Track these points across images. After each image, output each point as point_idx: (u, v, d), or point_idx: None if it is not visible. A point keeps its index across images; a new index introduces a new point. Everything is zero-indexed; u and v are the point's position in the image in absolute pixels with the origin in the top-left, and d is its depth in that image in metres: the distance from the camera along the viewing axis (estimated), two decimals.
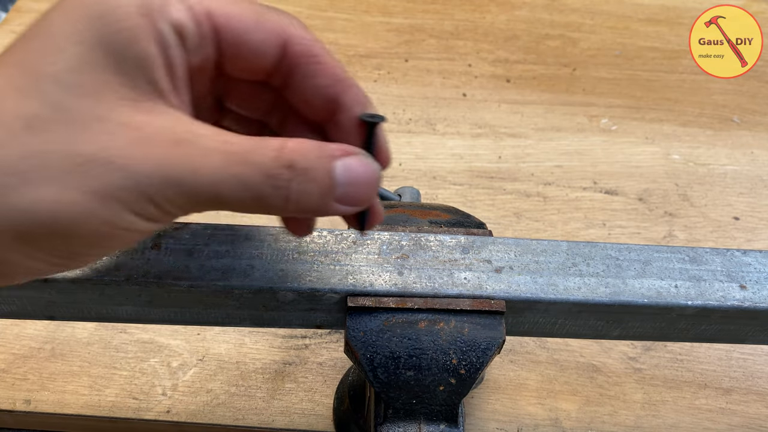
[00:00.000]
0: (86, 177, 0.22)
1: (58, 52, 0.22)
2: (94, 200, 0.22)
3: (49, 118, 0.22)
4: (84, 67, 0.22)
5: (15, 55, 0.23)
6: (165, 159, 0.23)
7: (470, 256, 0.36)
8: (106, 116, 0.22)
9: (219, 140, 0.24)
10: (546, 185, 0.68)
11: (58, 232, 0.22)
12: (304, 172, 0.25)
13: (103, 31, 0.22)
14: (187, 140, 0.23)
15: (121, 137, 0.22)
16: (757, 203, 0.67)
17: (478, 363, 0.33)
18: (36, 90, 0.22)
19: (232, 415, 0.50)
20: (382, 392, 0.33)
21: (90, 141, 0.22)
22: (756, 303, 0.35)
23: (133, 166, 0.22)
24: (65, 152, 0.22)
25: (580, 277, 0.35)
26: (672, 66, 0.83)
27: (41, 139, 0.22)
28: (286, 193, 0.25)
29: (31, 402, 0.50)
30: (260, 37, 0.26)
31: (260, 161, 0.24)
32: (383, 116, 0.28)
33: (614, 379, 0.53)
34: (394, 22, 0.87)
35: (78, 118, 0.22)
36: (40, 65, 0.22)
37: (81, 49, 0.22)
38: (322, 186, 0.25)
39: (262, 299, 0.34)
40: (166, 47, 0.24)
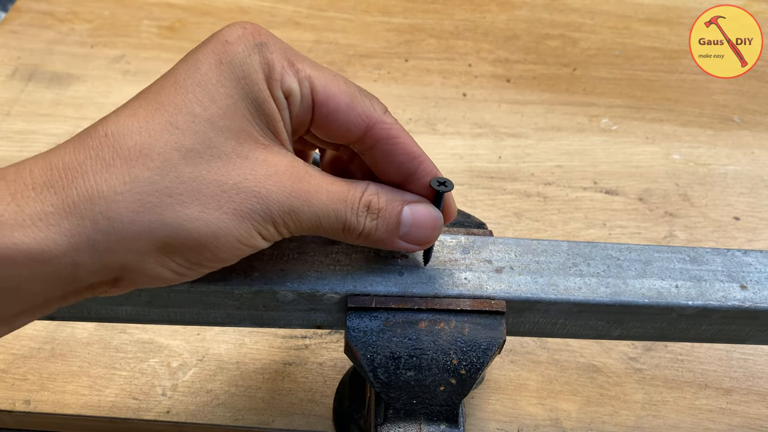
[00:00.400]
0: (229, 201, 0.28)
1: (211, 101, 0.28)
2: (233, 219, 0.28)
3: (202, 152, 0.27)
4: (231, 115, 0.28)
5: (169, 96, 0.27)
6: (290, 191, 0.29)
7: (470, 256, 0.36)
8: (246, 155, 0.28)
9: (325, 180, 0.30)
10: (546, 185, 0.68)
11: (196, 244, 0.27)
12: (379, 212, 0.31)
13: (246, 90, 0.28)
14: (305, 178, 0.29)
15: (259, 172, 0.28)
16: (758, 203, 0.67)
17: (479, 363, 0.33)
18: (192, 129, 0.27)
19: (232, 415, 0.50)
20: (383, 392, 0.33)
21: (234, 172, 0.28)
22: (757, 303, 0.35)
23: (267, 195, 0.28)
24: (214, 180, 0.27)
25: (580, 277, 0.35)
26: (672, 66, 0.82)
27: (194, 169, 0.27)
28: (363, 227, 0.31)
29: (31, 402, 0.50)
30: (349, 119, 0.31)
31: (351, 200, 0.31)
32: (452, 183, 0.32)
33: (615, 380, 0.53)
34: (394, 21, 0.87)
35: (225, 154, 0.28)
36: (195, 109, 0.27)
37: (230, 101, 0.28)
38: (389, 223, 0.32)
39: (262, 299, 0.34)
40: (280, 109, 0.29)
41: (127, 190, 0.26)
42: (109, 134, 0.27)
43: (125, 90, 0.75)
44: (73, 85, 0.75)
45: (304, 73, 0.30)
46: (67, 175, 0.26)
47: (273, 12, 0.87)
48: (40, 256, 0.25)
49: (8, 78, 0.76)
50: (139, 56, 0.79)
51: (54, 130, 0.70)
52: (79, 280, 0.27)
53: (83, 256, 0.26)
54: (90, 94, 0.74)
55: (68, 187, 0.26)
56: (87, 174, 0.26)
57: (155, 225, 0.26)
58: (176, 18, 0.85)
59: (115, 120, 0.27)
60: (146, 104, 0.28)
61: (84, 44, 0.80)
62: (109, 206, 0.26)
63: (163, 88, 0.28)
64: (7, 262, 0.25)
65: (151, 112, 0.27)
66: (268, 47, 0.29)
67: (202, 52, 0.29)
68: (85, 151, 0.26)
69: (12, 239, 0.25)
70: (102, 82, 0.76)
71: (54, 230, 0.26)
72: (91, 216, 0.26)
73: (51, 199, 0.26)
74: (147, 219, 0.26)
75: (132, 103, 0.28)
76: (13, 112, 0.72)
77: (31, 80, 0.75)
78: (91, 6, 0.86)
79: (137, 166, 0.26)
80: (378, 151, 0.32)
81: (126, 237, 0.26)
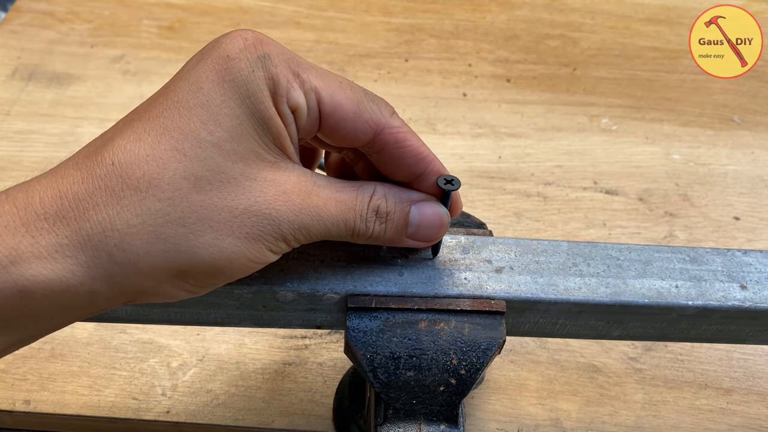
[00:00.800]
0: (241, 225, 0.28)
1: (216, 123, 0.27)
2: (246, 243, 0.28)
3: (211, 179, 0.27)
4: (237, 138, 0.28)
5: (174, 120, 0.27)
6: (299, 209, 0.29)
7: (470, 256, 0.36)
8: (255, 176, 0.28)
9: (333, 189, 0.30)
10: (546, 185, 0.68)
11: (210, 268, 0.28)
12: (387, 215, 0.32)
13: (252, 108, 0.28)
14: (313, 192, 0.30)
15: (268, 192, 0.28)
16: (758, 203, 0.67)
17: (479, 363, 0.33)
18: (200, 156, 0.27)
19: (232, 415, 0.50)
20: (382, 392, 0.33)
21: (244, 196, 0.28)
22: (757, 303, 0.35)
23: (277, 216, 0.28)
24: (225, 206, 0.27)
25: (580, 277, 0.35)
26: (672, 66, 0.82)
27: (205, 197, 0.27)
28: (372, 230, 0.31)
29: (31, 402, 0.50)
30: (357, 126, 0.30)
31: (360, 207, 0.31)
32: (459, 182, 0.32)
33: (615, 380, 0.53)
34: (394, 21, 0.87)
35: (233, 179, 0.28)
36: (201, 134, 0.27)
37: (236, 122, 0.28)
38: (397, 225, 0.32)
39: (261, 299, 0.34)
40: (287, 124, 0.29)
41: (140, 222, 0.26)
42: (116, 163, 0.26)
43: (125, 90, 0.75)
44: (73, 85, 0.75)
45: (309, 84, 0.29)
46: (78, 206, 0.26)
47: (273, 12, 0.87)
48: (58, 287, 0.26)
49: (8, 78, 0.76)
50: (139, 56, 0.79)
51: (54, 130, 0.70)
52: (96, 304, 0.28)
53: (100, 284, 0.27)
54: (90, 94, 0.74)
55: (80, 218, 0.26)
56: (98, 206, 0.26)
57: (170, 254, 0.27)
58: (176, 18, 0.85)
59: (121, 147, 0.27)
60: (150, 128, 0.27)
61: (84, 44, 0.80)
62: (123, 239, 0.26)
63: (166, 110, 0.27)
64: (25, 293, 0.25)
65: (156, 138, 0.27)
66: (272, 60, 0.28)
67: (203, 68, 0.28)
68: (93, 181, 0.26)
69: (30, 271, 0.25)
70: (102, 82, 0.76)
71: (71, 262, 0.26)
72: (106, 248, 0.26)
73: (65, 231, 0.26)
74: (161, 249, 0.27)
75: (135, 124, 0.28)
76: (13, 111, 0.72)
77: (31, 80, 0.75)
78: (91, 6, 0.86)
79: (148, 197, 0.26)
80: (386, 155, 0.32)
81: (142, 267, 0.27)
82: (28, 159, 0.67)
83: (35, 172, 0.71)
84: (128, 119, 0.29)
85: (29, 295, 0.26)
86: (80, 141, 0.69)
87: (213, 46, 0.29)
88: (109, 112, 0.72)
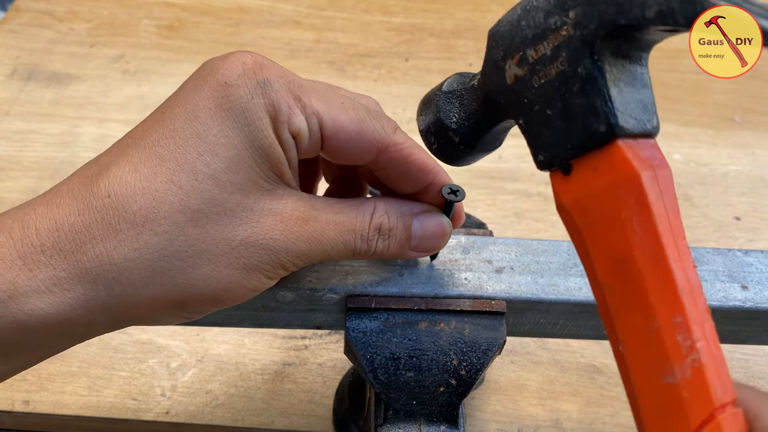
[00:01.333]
0: (239, 257, 0.28)
1: (213, 154, 0.27)
2: (244, 273, 0.28)
3: (208, 212, 0.27)
4: (234, 168, 0.27)
5: (170, 150, 0.27)
6: (297, 237, 0.29)
7: (471, 257, 0.36)
8: (252, 206, 0.28)
9: (331, 211, 0.30)
10: (547, 185, 0.67)
11: (208, 299, 0.28)
12: (389, 231, 0.31)
13: (250, 137, 0.27)
14: (311, 217, 0.29)
15: (265, 222, 0.28)
16: (759, 203, 0.67)
17: (479, 364, 0.33)
18: (196, 188, 0.27)
19: (232, 416, 0.50)
20: (382, 393, 0.33)
21: (241, 228, 0.28)
22: (757, 303, 0.35)
23: (275, 246, 0.28)
24: (222, 239, 0.27)
25: (581, 278, 0.35)
26: (673, 65, 0.82)
27: (202, 230, 0.27)
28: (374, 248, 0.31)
29: (30, 403, 0.50)
30: (361, 146, 0.30)
31: (360, 228, 0.31)
32: (464, 193, 0.32)
33: (615, 380, 0.53)
34: (394, 21, 0.87)
35: (230, 210, 0.27)
36: (198, 165, 0.27)
37: (233, 152, 0.27)
38: (400, 240, 0.32)
39: (261, 299, 0.34)
40: (287, 150, 0.29)
41: (138, 256, 0.26)
42: (112, 195, 0.26)
43: (124, 90, 0.75)
44: (73, 84, 0.75)
45: (311, 108, 0.28)
46: (75, 239, 0.26)
47: (273, 11, 0.87)
48: (56, 320, 0.26)
49: (7, 78, 0.75)
50: (138, 56, 0.79)
51: (53, 130, 0.70)
52: (94, 333, 0.28)
53: (98, 316, 0.27)
54: (89, 94, 0.74)
55: (77, 251, 0.26)
56: (95, 239, 0.26)
57: (167, 287, 0.27)
58: (175, 17, 0.85)
59: (117, 177, 0.27)
60: (146, 158, 0.27)
61: (83, 44, 0.80)
62: (121, 273, 0.26)
63: (162, 139, 0.27)
64: (23, 327, 0.26)
65: (152, 169, 0.27)
66: (271, 85, 0.28)
67: (200, 95, 0.27)
68: (90, 214, 0.26)
69: (29, 306, 0.25)
70: (101, 82, 0.76)
71: (69, 295, 0.26)
72: (104, 282, 0.26)
73: (62, 264, 0.26)
74: (159, 282, 0.27)
75: (130, 152, 0.27)
76: (12, 111, 0.72)
77: (30, 80, 0.75)
78: (91, 5, 0.86)
79: (145, 231, 0.26)
80: (392, 171, 0.32)
81: (140, 300, 0.27)
82: (28, 159, 0.67)
83: (35, 172, 0.71)
84: (123, 145, 0.28)
85: (28, 328, 0.26)
86: (79, 141, 0.69)
87: (210, 71, 0.28)
88: (109, 112, 0.72)
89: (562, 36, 0.25)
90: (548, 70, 0.26)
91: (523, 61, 0.27)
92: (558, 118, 0.26)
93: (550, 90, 0.26)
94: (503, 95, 0.28)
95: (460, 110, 0.31)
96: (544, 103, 0.26)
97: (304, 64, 0.80)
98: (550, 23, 0.25)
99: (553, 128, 0.26)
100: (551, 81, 0.26)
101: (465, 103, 0.30)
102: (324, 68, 0.79)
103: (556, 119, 0.26)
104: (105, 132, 0.70)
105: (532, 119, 0.27)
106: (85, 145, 0.68)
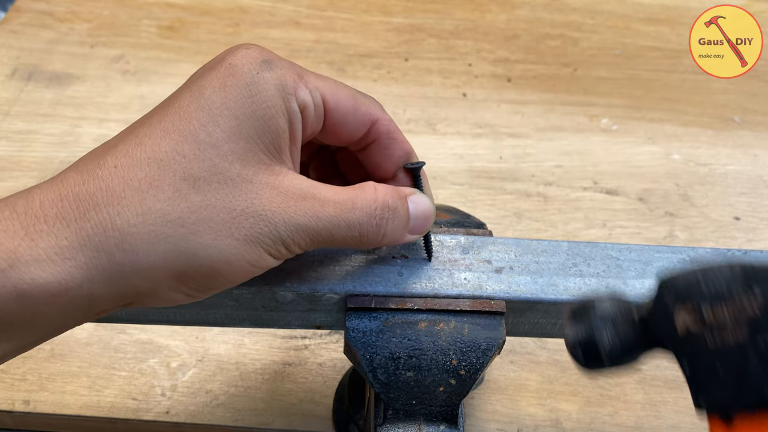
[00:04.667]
0: (239, 227, 0.28)
1: (215, 125, 0.28)
2: (245, 245, 0.28)
3: (209, 180, 0.27)
4: (235, 138, 0.28)
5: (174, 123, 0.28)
6: (294, 210, 0.29)
7: (470, 257, 0.36)
8: (251, 178, 0.28)
9: (331, 192, 0.30)
10: (546, 185, 0.67)
11: (209, 270, 0.28)
12: (395, 210, 0.31)
13: (253, 107, 0.28)
14: (309, 194, 0.29)
15: (263, 195, 0.28)
16: (758, 203, 0.67)
17: (478, 364, 0.33)
18: (198, 156, 0.27)
19: (232, 415, 0.50)
20: (382, 393, 0.33)
21: (241, 198, 0.28)
22: None
23: (273, 218, 0.28)
24: (223, 207, 0.27)
25: (580, 278, 0.35)
26: (673, 66, 0.82)
27: (204, 198, 0.27)
28: (384, 229, 0.31)
29: (30, 402, 0.50)
30: (357, 119, 0.32)
31: (363, 205, 0.30)
32: (423, 162, 0.34)
33: (615, 380, 0.53)
34: (394, 21, 0.87)
35: (230, 179, 0.28)
36: (200, 135, 0.27)
37: (234, 123, 0.28)
38: (404, 220, 0.32)
39: (261, 299, 0.34)
40: (293, 122, 0.30)
41: (141, 221, 0.26)
42: (118, 166, 0.27)
43: (125, 90, 0.75)
44: (73, 84, 0.75)
45: (313, 84, 0.30)
46: (78, 206, 0.26)
47: (273, 11, 0.87)
48: (56, 290, 0.26)
49: (8, 78, 0.76)
50: (138, 56, 0.79)
51: (53, 130, 0.70)
52: (94, 308, 0.28)
53: (99, 287, 0.27)
54: (89, 94, 0.74)
55: (81, 219, 0.26)
56: (99, 206, 0.26)
57: (170, 255, 0.27)
58: (176, 17, 0.85)
59: (123, 151, 0.27)
60: (151, 132, 0.28)
61: (83, 44, 0.80)
62: (124, 239, 0.26)
63: (167, 116, 0.28)
64: (24, 297, 0.25)
65: (157, 141, 0.27)
66: (276, 63, 0.29)
67: (206, 78, 0.29)
68: (95, 182, 0.27)
69: (29, 275, 0.25)
70: (101, 82, 0.76)
71: (70, 264, 0.26)
72: (106, 248, 0.26)
73: (64, 232, 0.26)
74: (161, 249, 0.27)
75: (136, 131, 0.28)
76: (13, 111, 0.72)
77: (31, 80, 0.75)
78: (91, 5, 0.86)
79: (148, 197, 0.26)
80: (377, 146, 0.33)
81: (141, 268, 0.27)
82: (28, 159, 0.67)
83: (35, 172, 0.71)
84: (131, 127, 0.29)
85: (27, 298, 0.25)
86: (80, 141, 0.69)
87: (216, 60, 0.30)
88: (109, 112, 0.72)
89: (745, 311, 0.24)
90: (725, 337, 0.25)
91: (698, 319, 0.25)
92: (729, 377, 0.25)
93: (725, 353, 0.25)
94: (670, 341, 0.27)
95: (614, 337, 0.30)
96: (716, 362, 0.25)
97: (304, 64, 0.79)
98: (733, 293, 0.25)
99: (721, 384, 0.25)
100: (728, 346, 0.25)
101: (620, 332, 0.30)
102: (324, 68, 0.79)
103: (727, 378, 0.25)
104: (105, 132, 0.70)
105: (699, 370, 0.26)
106: (86, 146, 0.68)
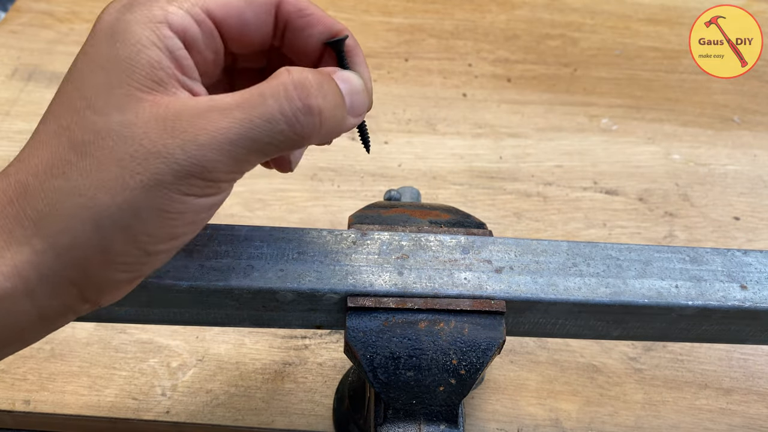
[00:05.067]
0: (133, 175, 0.26)
1: (85, 87, 0.27)
2: (145, 193, 0.26)
3: (94, 141, 0.26)
4: (106, 88, 0.27)
5: (58, 102, 0.28)
6: (196, 132, 0.26)
7: (470, 256, 0.36)
8: (134, 121, 0.26)
9: (235, 96, 0.27)
10: (546, 185, 0.68)
11: (124, 235, 0.26)
12: (320, 87, 0.28)
13: (116, 52, 0.27)
14: (207, 108, 0.26)
15: (152, 131, 0.26)
16: (758, 203, 0.67)
17: (479, 363, 0.33)
18: (78, 123, 0.27)
19: (232, 415, 0.50)
20: (382, 392, 0.33)
21: (127, 145, 0.26)
22: (757, 303, 0.35)
23: (167, 150, 0.26)
24: (111, 161, 0.26)
25: (580, 278, 0.35)
26: (672, 66, 0.82)
27: (93, 160, 0.26)
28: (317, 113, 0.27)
29: (31, 402, 0.50)
30: (254, 12, 0.29)
31: (275, 92, 0.27)
32: (345, 35, 0.31)
33: (615, 380, 0.53)
34: (394, 21, 0.87)
35: (113, 131, 0.26)
36: (76, 103, 0.27)
37: (102, 75, 0.27)
38: (337, 98, 0.29)
39: (261, 299, 0.34)
40: (173, 49, 0.27)
41: (46, 204, 0.26)
42: (21, 159, 0.28)
43: None
44: None
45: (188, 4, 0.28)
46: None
47: None
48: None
49: (8, 78, 0.76)
50: None
51: None
52: (44, 310, 0.27)
53: (34, 283, 0.26)
54: None
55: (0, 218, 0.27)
56: (12, 201, 0.27)
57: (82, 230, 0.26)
58: None
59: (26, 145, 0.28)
60: (44, 120, 0.28)
61: None
62: (38, 226, 0.26)
63: (51, 106, 0.29)
64: None
65: (47, 126, 0.28)
66: (138, 2, 0.28)
67: (77, 55, 0.29)
68: (5, 180, 0.27)
69: None
70: None
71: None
72: (26, 241, 0.26)
73: None
74: (72, 227, 0.26)
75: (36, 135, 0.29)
76: (13, 112, 0.72)
77: (31, 80, 0.75)
78: (91, 6, 0.86)
79: (47, 179, 0.27)
80: (291, 32, 0.30)
81: (62, 251, 0.26)
82: None
83: None
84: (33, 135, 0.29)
85: None
86: None
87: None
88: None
89: None
90: None
91: None
92: None
93: None
94: None
95: None
96: None
97: None
98: None
99: None
100: None
101: None
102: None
103: None
104: None
105: None
106: None
